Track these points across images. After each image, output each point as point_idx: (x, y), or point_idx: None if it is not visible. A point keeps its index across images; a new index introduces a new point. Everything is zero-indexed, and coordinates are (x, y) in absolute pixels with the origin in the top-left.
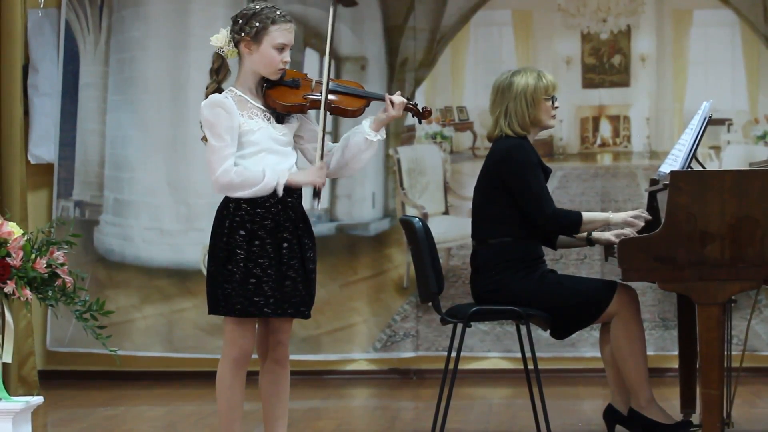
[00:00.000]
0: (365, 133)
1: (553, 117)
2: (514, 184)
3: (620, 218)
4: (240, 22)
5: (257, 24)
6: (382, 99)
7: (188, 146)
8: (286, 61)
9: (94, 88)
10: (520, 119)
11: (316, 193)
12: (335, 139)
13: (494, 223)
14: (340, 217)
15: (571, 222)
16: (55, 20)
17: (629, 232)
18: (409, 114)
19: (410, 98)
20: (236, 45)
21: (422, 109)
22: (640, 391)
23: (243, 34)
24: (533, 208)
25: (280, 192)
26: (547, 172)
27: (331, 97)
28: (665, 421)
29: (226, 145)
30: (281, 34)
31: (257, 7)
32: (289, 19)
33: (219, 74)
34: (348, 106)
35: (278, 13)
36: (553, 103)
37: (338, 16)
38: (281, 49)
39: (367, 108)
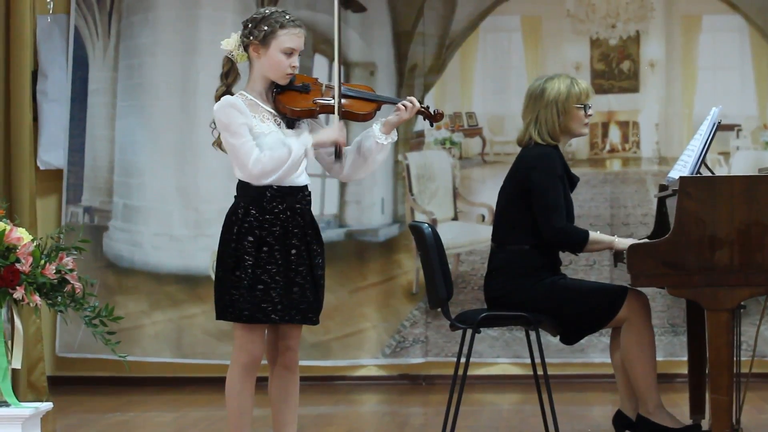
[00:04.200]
0: (376, 136)
1: (586, 125)
2: (533, 192)
3: (625, 245)
4: (250, 26)
5: (266, 28)
6: (393, 102)
7: (197, 152)
8: (294, 66)
9: (103, 94)
10: (550, 128)
11: (338, 154)
12: (346, 144)
13: (515, 229)
14: (349, 223)
15: (577, 240)
16: (64, 26)
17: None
18: (419, 118)
19: (421, 102)
20: (246, 49)
21: (434, 112)
22: (648, 396)
23: (252, 37)
24: (543, 219)
25: (312, 156)
26: (573, 181)
27: (341, 101)
28: (673, 426)
29: (247, 140)
30: (290, 38)
31: (267, 11)
32: (299, 24)
33: (228, 78)
34: (359, 110)
35: (287, 17)
36: (585, 111)
37: (347, 21)
38: (290, 53)
39: (378, 112)
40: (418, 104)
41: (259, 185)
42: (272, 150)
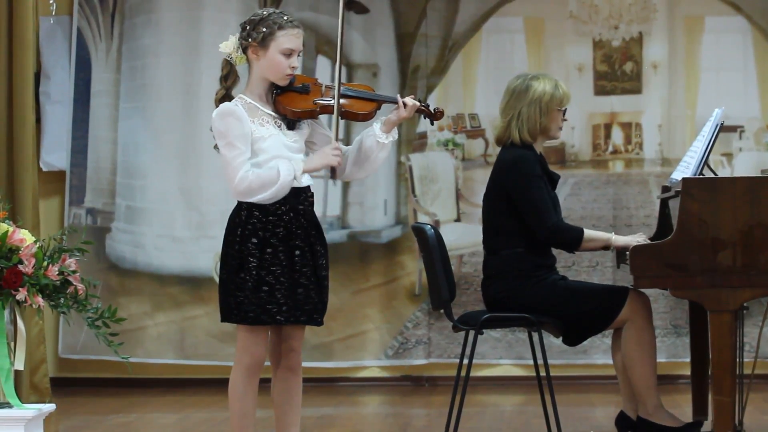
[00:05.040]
0: (376, 135)
1: (560, 129)
2: (516, 195)
3: (622, 242)
4: (248, 28)
5: (264, 29)
6: (393, 101)
7: (200, 153)
8: (294, 67)
9: (106, 96)
10: (531, 126)
11: (333, 174)
12: (347, 143)
13: (505, 235)
14: (352, 225)
15: (572, 238)
16: (66, 28)
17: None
18: (421, 119)
19: (422, 101)
20: (244, 51)
21: (434, 110)
22: (647, 397)
23: (250, 39)
24: (534, 220)
25: (300, 181)
26: (554, 180)
27: (341, 101)
28: (674, 425)
29: (239, 153)
30: (288, 39)
31: (264, 12)
32: (297, 24)
33: (228, 81)
34: (359, 109)
35: (285, 18)
36: (563, 115)
37: (349, 23)
38: (289, 54)
39: (378, 111)
40: (416, 103)
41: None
42: (261, 171)
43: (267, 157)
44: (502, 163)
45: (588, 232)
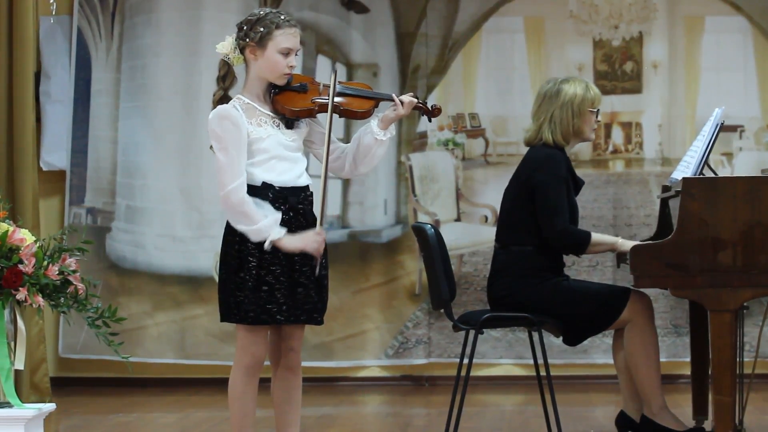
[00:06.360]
0: (374, 133)
1: (594, 130)
2: (536, 193)
3: (627, 247)
4: (245, 28)
5: (261, 29)
6: (391, 99)
7: (200, 153)
8: (292, 66)
9: (106, 95)
10: (564, 128)
11: (313, 267)
12: (346, 141)
13: (519, 231)
14: (352, 224)
15: (579, 242)
16: (67, 27)
17: None
18: (421, 119)
19: (419, 98)
20: (242, 51)
21: (431, 106)
22: (652, 397)
23: (248, 39)
24: (546, 220)
25: (267, 247)
26: (578, 185)
27: (339, 99)
28: (677, 428)
29: (232, 161)
30: (286, 38)
31: (261, 12)
32: (294, 23)
33: (225, 81)
34: (357, 108)
35: (282, 17)
36: (596, 116)
37: (349, 22)
38: (286, 53)
39: (376, 109)
40: (414, 100)
41: (255, 187)
42: (253, 207)
43: (265, 157)
44: (531, 160)
45: (595, 237)
